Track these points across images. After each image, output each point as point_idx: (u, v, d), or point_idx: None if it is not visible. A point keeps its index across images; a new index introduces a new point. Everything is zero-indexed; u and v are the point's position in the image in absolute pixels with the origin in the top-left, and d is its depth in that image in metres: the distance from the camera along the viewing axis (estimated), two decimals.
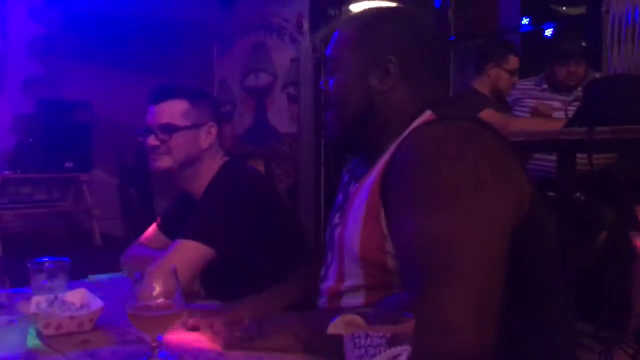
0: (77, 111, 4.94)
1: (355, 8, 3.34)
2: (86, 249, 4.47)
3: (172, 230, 1.57)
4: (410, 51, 1.03)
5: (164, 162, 1.54)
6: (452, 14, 4.18)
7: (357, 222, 0.97)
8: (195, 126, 1.56)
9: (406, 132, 0.97)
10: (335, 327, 0.64)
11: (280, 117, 5.11)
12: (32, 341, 1.02)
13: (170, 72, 4.90)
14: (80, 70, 5.15)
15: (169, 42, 5.32)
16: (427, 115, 1.00)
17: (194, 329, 1.07)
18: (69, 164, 4.87)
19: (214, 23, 5.64)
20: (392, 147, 0.97)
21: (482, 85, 3.12)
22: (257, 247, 1.50)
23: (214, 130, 1.59)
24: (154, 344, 0.93)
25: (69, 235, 5.00)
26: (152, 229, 1.73)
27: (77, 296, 1.19)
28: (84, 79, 5.12)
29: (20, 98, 5.05)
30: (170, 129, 1.53)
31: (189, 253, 1.40)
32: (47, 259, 1.27)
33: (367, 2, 3.26)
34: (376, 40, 1.03)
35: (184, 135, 1.54)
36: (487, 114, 2.45)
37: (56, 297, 1.16)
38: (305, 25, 4.81)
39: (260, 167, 4.72)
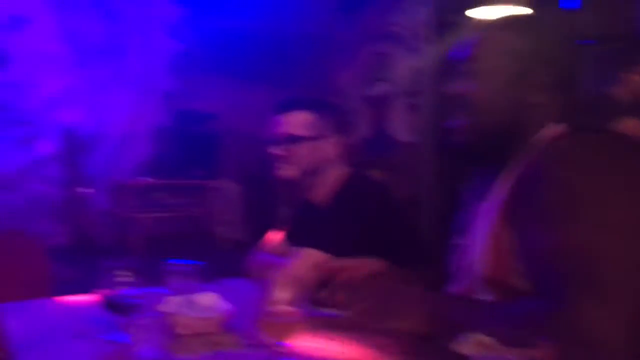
0: (207, 122, 5.24)
1: (476, 14, 3.26)
2: (213, 251, 4.72)
3: (296, 238, 1.61)
4: (551, 60, 1.00)
5: (289, 171, 1.60)
6: (585, 16, 3.95)
7: (485, 243, 0.94)
8: (320, 137, 1.60)
9: (537, 145, 0.93)
10: (464, 346, 0.63)
11: (399, 126, 5.08)
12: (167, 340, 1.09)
13: (292, 82, 5.05)
14: (212, 84, 5.45)
15: (292, 54, 5.49)
16: (560, 127, 0.96)
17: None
18: (198, 172, 5.17)
19: (334, 34, 5.75)
20: (523, 162, 0.93)
21: (620, 93, 2.92)
22: (381, 255, 1.50)
23: (338, 141, 1.62)
24: (278, 349, 0.95)
25: (197, 238, 5.29)
26: (275, 235, 1.77)
27: (207, 299, 1.26)
28: (214, 91, 5.43)
29: (160, 110, 5.44)
30: (295, 139, 1.59)
31: (314, 260, 1.43)
32: (181, 261, 1.35)
33: (488, 7, 3.18)
34: (524, 48, 1.00)
35: (308, 146, 1.59)
36: (630, 125, 2.29)
37: (189, 299, 1.23)
38: (426, 32, 4.76)
39: (379, 177, 4.72)
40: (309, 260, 1.42)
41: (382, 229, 1.51)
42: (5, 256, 2.31)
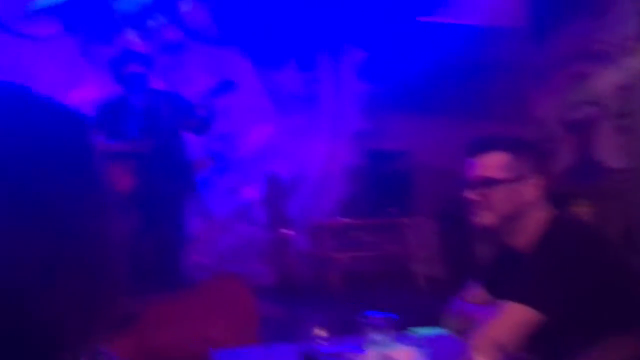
0: (399, 160, 5.26)
1: None
2: (410, 290, 4.67)
3: (496, 288, 1.52)
4: None
5: (486, 218, 1.51)
6: None
7: None
8: (518, 179, 1.50)
9: None
10: None
11: (607, 151, 4.63)
12: None
13: (487, 114, 4.88)
14: (402, 121, 5.50)
15: (484, 84, 5.33)
16: None
17: None
18: (393, 210, 5.19)
19: (527, 59, 5.47)
20: None
21: None
22: (593, 307, 1.35)
23: (538, 182, 1.50)
24: None
25: (394, 277, 5.29)
26: (474, 285, 1.70)
27: (405, 354, 1.22)
28: (405, 129, 5.45)
29: (351, 150, 5.62)
30: (491, 183, 1.50)
31: (517, 317, 1.32)
32: (376, 314, 1.34)
33: None
34: None
35: (505, 189, 1.49)
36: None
37: (386, 355, 1.20)
38: (635, 47, 4.32)
39: (586, 208, 4.33)
40: (511, 318, 1.31)
41: (593, 276, 1.35)
42: (218, 297, 2.52)
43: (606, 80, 4.61)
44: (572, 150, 5.03)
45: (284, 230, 4.96)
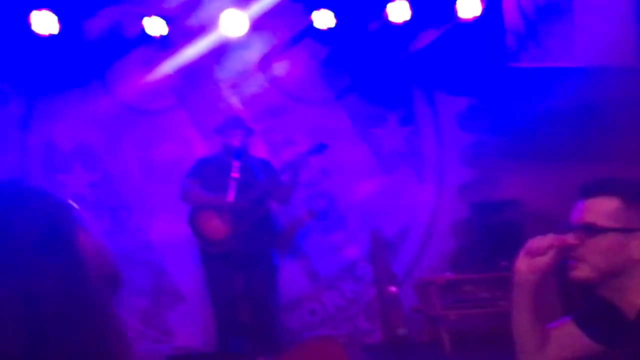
0: (508, 210, 5.01)
1: None
2: None
3: (593, 333, 1.34)
4: None
5: (582, 271, 1.33)
6: None
7: None
8: (625, 230, 1.31)
9: None
10: None
11: None
12: None
13: (600, 156, 4.57)
14: (509, 169, 5.27)
15: (594, 125, 5.01)
16: None
17: None
18: (504, 263, 4.90)
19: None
20: None
21: None
22: None
23: None
24: None
25: (509, 336, 4.94)
26: (565, 322, 1.53)
27: None
28: (512, 177, 5.22)
29: (457, 203, 5.44)
30: (593, 230, 1.33)
31: None
32: None
33: None
34: None
35: (608, 239, 1.32)
36: None
37: None
38: None
39: None
40: None
41: None
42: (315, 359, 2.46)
43: None
44: None
45: (389, 287, 4.83)
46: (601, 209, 1.35)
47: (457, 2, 5.05)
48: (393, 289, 4.83)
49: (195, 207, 4.18)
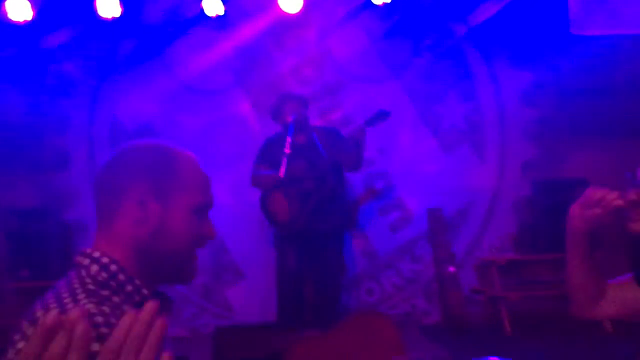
0: (572, 189, 4.81)
1: None
2: (593, 336, 4.17)
3: None
4: None
5: None
6: None
7: None
8: None
9: None
10: None
11: None
12: None
13: None
14: (574, 146, 5.07)
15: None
16: None
17: None
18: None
19: None
20: None
21: None
22: None
23: None
24: None
25: (573, 320, 4.78)
26: (627, 276, 1.47)
27: None
28: (578, 154, 5.02)
29: (519, 181, 5.28)
30: None
31: None
32: None
33: None
34: None
35: None
36: None
37: None
38: None
39: None
40: None
41: None
42: (364, 334, 2.46)
43: None
44: None
45: (448, 267, 4.76)
46: None
47: None
48: (452, 269, 4.75)
49: (264, 190, 4.20)
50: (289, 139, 3.95)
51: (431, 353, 3.83)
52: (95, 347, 0.84)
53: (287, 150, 3.91)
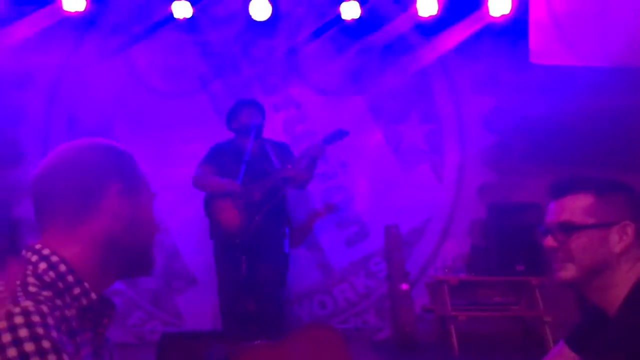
0: (526, 214, 4.92)
1: None
2: (537, 357, 4.24)
3: (582, 348, 1.31)
4: None
5: (567, 271, 1.32)
6: None
7: None
8: (603, 225, 1.29)
9: None
10: None
11: None
12: None
13: (625, 163, 4.49)
14: (530, 173, 5.18)
15: (622, 129, 4.92)
16: None
17: None
18: (520, 267, 4.83)
19: None
20: None
21: None
22: None
23: (630, 229, 1.28)
24: None
25: (522, 341, 4.87)
26: (559, 346, 1.49)
27: None
28: (533, 180, 5.13)
29: (475, 203, 5.37)
30: (569, 227, 1.31)
31: None
32: None
33: None
34: None
35: (588, 236, 1.29)
36: None
37: None
38: None
39: None
40: None
41: None
42: (311, 346, 2.44)
43: None
44: None
45: (401, 285, 4.79)
46: (576, 206, 1.33)
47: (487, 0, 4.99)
48: (404, 286, 4.78)
49: (209, 195, 4.15)
50: (249, 146, 3.93)
51: None
52: (30, 346, 0.83)
53: (246, 158, 3.89)
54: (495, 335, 4.77)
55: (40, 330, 0.88)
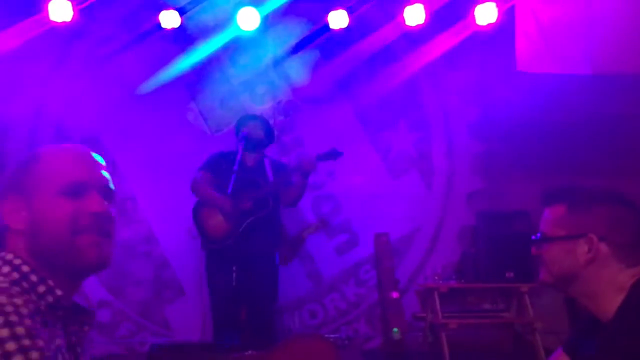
0: (515, 221, 4.94)
1: None
2: None
3: (578, 354, 1.32)
4: None
5: (544, 276, 1.37)
6: None
7: None
8: (571, 237, 1.32)
9: None
10: None
11: None
12: None
13: (613, 171, 4.53)
14: (518, 180, 5.21)
15: (608, 136, 4.96)
16: None
17: None
18: (509, 274, 4.84)
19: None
20: None
21: None
22: None
23: (596, 241, 1.29)
24: None
25: (513, 347, 4.87)
26: (557, 353, 1.50)
27: None
28: (522, 188, 5.15)
29: (464, 211, 5.39)
30: (543, 239, 1.39)
31: None
32: None
33: None
34: None
35: (557, 247, 1.34)
36: None
37: None
38: None
39: None
40: None
41: None
42: (302, 356, 2.43)
43: None
44: None
45: (391, 293, 4.78)
46: (550, 217, 1.40)
47: (474, 8, 5.02)
48: (395, 294, 4.77)
49: (199, 202, 4.15)
50: (239, 156, 3.94)
51: None
52: (4, 332, 0.92)
53: (235, 168, 3.90)
54: (486, 342, 4.77)
55: (14, 318, 0.95)
